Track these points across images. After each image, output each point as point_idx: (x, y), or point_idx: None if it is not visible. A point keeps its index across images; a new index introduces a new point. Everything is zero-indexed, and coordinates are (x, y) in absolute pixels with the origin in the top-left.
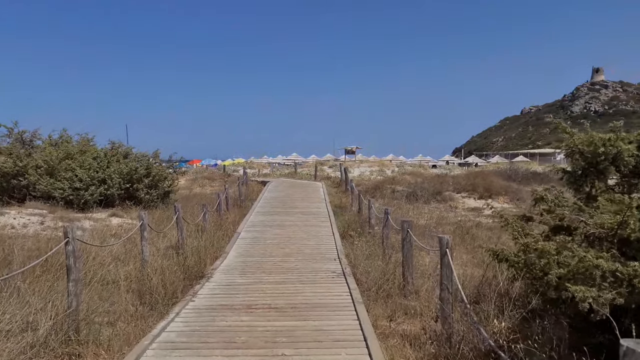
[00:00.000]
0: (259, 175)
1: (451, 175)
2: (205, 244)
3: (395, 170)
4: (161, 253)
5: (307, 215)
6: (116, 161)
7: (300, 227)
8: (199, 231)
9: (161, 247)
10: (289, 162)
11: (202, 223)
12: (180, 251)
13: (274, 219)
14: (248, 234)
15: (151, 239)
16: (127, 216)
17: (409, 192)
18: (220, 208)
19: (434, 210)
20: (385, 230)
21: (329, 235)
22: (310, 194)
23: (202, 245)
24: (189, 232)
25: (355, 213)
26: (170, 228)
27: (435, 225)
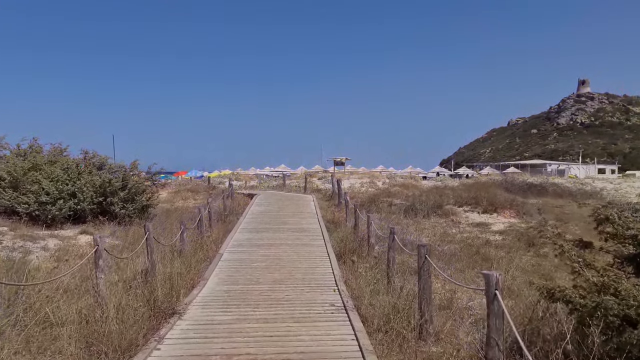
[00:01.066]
0: (246, 187)
1: (450, 187)
2: (180, 270)
3: (387, 181)
4: (125, 283)
5: (299, 232)
6: (88, 172)
7: (291, 246)
8: (174, 253)
9: (128, 274)
10: (276, 174)
11: (178, 244)
12: (149, 279)
13: (261, 236)
14: (232, 255)
15: (115, 265)
16: (98, 233)
17: (407, 205)
18: (202, 225)
19: (435, 225)
20: (391, 253)
21: (323, 256)
22: (300, 208)
23: (177, 272)
24: (162, 254)
25: (351, 229)
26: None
27: (439, 243)
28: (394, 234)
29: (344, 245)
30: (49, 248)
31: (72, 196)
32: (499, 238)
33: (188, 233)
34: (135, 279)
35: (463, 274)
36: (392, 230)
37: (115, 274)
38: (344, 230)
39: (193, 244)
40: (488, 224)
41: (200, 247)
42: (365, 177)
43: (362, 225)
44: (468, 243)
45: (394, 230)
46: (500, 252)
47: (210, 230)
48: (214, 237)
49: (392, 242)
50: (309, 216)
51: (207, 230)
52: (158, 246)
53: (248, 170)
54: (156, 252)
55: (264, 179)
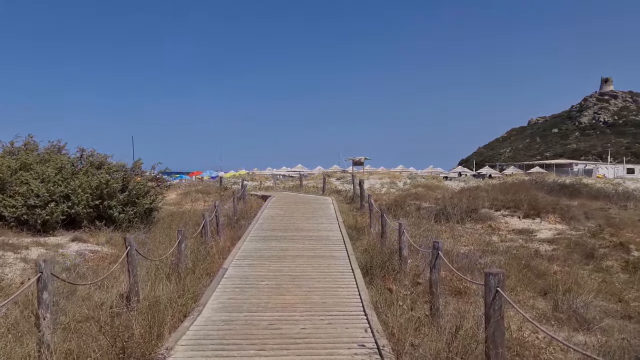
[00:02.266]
0: (261, 188)
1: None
2: (171, 294)
3: (407, 182)
4: (92, 315)
5: (316, 241)
6: (84, 173)
7: (307, 258)
8: (169, 269)
9: (106, 298)
10: (293, 174)
11: (171, 258)
12: (132, 305)
13: (272, 246)
14: (238, 271)
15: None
16: (93, 240)
17: (437, 209)
18: (206, 232)
19: (472, 232)
20: (435, 274)
21: (346, 273)
22: (318, 211)
23: (166, 297)
24: (153, 272)
25: (376, 237)
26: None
27: (480, 254)
28: (439, 249)
29: (370, 257)
30: (30, 259)
31: (65, 199)
32: (549, 248)
33: (189, 243)
34: (112, 308)
35: (515, 295)
36: (437, 245)
37: (83, 305)
38: (368, 238)
39: (193, 256)
40: (532, 230)
41: (203, 259)
42: (386, 177)
43: (391, 234)
44: (514, 254)
45: (438, 245)
46: (553, 266)
47: (217, 238)
48: (220, 247)
49: (437, 261)
50: (328, 221)
51: (213, 238)
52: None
53: (264, 171)
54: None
55: (280, 179)
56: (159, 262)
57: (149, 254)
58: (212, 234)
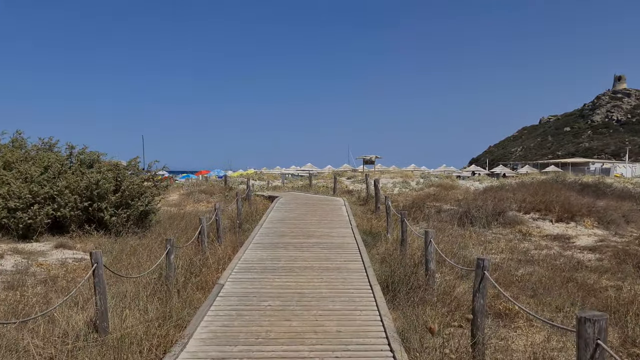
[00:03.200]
0: (269, 187)
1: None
2: (150, 322)
3: (421, 181)
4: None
5: (328, 249)
6: (73, 172)
7: (318, 271)
8: (153, 287)
9: (68, 328)
10: (303, 173)
11: (157, 272)
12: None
13: (278, 255)
14: (236, 287)
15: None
16: (79, 247)
17: (460, 212)
18: (203, 239)
19: (500, 238)
20: (480, 300)
21: (364, 290)
22: (329, 214)
23: (143, 328)
24: (134, 287)
25: (394, 244)
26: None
27: (515, 264)
28: (485, 268)
29: (390, 270)
30: (4, 270)
31: (50, 200)
32: (592, 257)
33: (182, 252)
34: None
35: (565, 316)
36: (482, 263)
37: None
38: (385, 245)
39: (186, 269)
40: (569, 236)
41: (198, 271)
42: (398, 177)
43: (412, 241)
44: (553, 264)
45: (484, 263)
46: (602, 279)
47: (217, 245)
48: (218, 256)
49: (483, 284)
50: (341, 225)
51: (212, 246)
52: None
53: (273, 170)
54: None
55: (289, 179)
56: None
57: (135, 267)
58: (212, 240)
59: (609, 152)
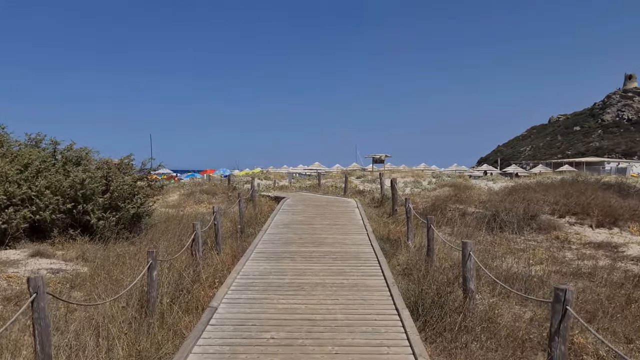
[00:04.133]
0: (275, 187)
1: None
2: None
3: (433, 181)
4: None
5: (342, 260)
6: (57, 171)
7: (331, 289)
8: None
9: None
10: (310, 172)
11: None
12: None
13: (284, 268)
14: (231, 311)
15: None
16: (60, 255)
17: (488, 215)
18: (197, 249)
19: (534, 245)
20: (558, 348)
21: (389, 317)
22: (341, 217)
23: None
24: (103, 314)
25: (417, 253)
26: None
27: (559, 278)
28: (568, 303)
29: (418, 288)
30: None
31: (28, 202)
32: None
33: (172, 264)
34: None
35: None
36: (563, 295)
37: None
38: (406, 254)
39: (173, 287)
40: (615, 244)
41: (188, 289)
42: (408, 176)
43: (439, 250)
44: (608, 280)
45: (566, 296)
46: None
47: (212, 255)
48: (215, 267)
49: (563, 323)
50: (355, 231)
51: (209, 254)
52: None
53: (280, 169)
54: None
55: (297, 178)
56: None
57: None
58: (211, 247)
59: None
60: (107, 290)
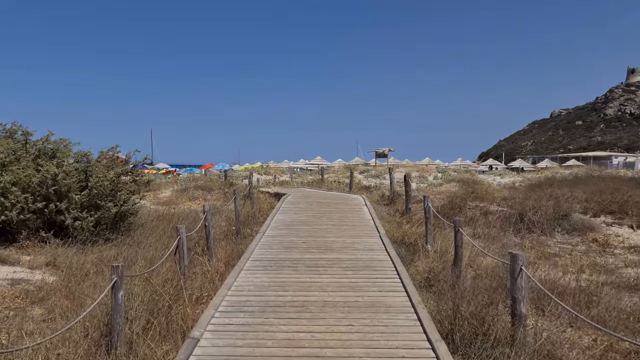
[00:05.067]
0: (275, 183)
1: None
2: None
3: (439, 176)
4: None
5: (354, 270)
6: (26, 164)
7: (343, 310)
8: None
9: None
10: (312, 167)
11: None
12: None
13: (285, 281)
14: (217, 344)
15: None
16: (26, 261)
17: (515, 214)
18: (182, 258)
19: (568, 248)
20: None
21: (421, 351)
22: (349, 217)
23: None
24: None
25: (438, 258)
26: None
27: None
28: None
29: (452, 306)
30: None
31: None
32: None
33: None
34: None
35: None
36: None
37: None
38: (425, 259)
39: (148, 308)
40: None
41: (167, 310)
42: (413, 171)
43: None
44: None
45: None
46: None
47: (205, 259)
48: (203, 278)
49: None
50: (366, 233)
51: (197, 262)
52: None
53: (281, 163)
54: None
55: (298, 173)
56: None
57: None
58: (203, 252)
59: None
60: (70, 311)
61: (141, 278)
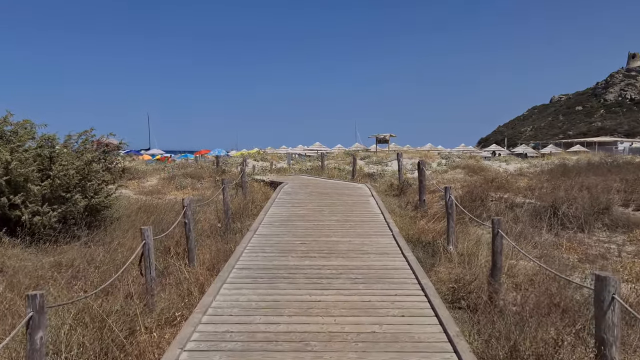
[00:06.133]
0: (272, 170)
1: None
2: None
3: (442, 162)
4: None
5: (366, 283)
6: None
7: (355, 348)
8: None
9: None
10: (311, 153)
11: None
12: None
13: (278, 299)
14: None
15: None
16: None
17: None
18: (149, 266)
19: (614, 249)
20: None
21: None
22: (354, 210)
23: None
24: None
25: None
26: None
27: None
28: None
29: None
30: None
31: None
32: None
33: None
34: None
35: None
36: None
37: None
38: (447, 264)
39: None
40: None
41: (125, 340)
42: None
43: (514, 264)
44: None
45: None
46: None
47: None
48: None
49: None
50: (376, 231)
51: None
52: None
53: (278, 149)
54: None
55: (296, 159)
56: None
57: None
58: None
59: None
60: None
61: (85, 303)
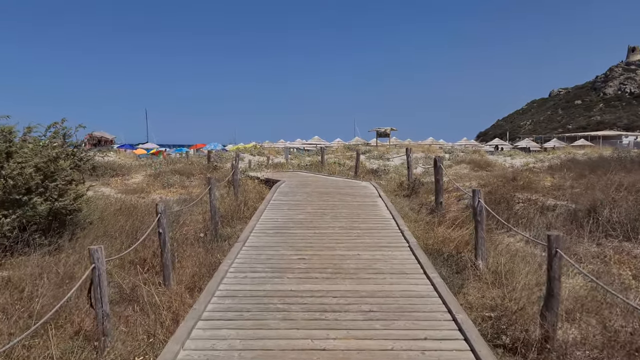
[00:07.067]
0: (268, 165)
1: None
2: None
3: (446, 157)
4: None
5: (384, 318)
6: None
7: None
8: None
9: None
10: (310, 147)
11: None
12: None
13: (268, 345)
14: None
15: None
16: None
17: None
18: (101, 297)
19: None
20: None
21: None
22: (361, 214)
23: None
24: None
25: (502, 285)
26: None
27: None
28: None
29: None
30: None
31: None
32: None
33: None
34: None
35: None
36: None
37: None
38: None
39: None
40: None
41: None
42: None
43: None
44: None
45: None
46: None
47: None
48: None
49: None
50: (389, 241)
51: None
52: None
53: (276, 143)
54: None
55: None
56: None
57: None
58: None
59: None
60: None
61: None
